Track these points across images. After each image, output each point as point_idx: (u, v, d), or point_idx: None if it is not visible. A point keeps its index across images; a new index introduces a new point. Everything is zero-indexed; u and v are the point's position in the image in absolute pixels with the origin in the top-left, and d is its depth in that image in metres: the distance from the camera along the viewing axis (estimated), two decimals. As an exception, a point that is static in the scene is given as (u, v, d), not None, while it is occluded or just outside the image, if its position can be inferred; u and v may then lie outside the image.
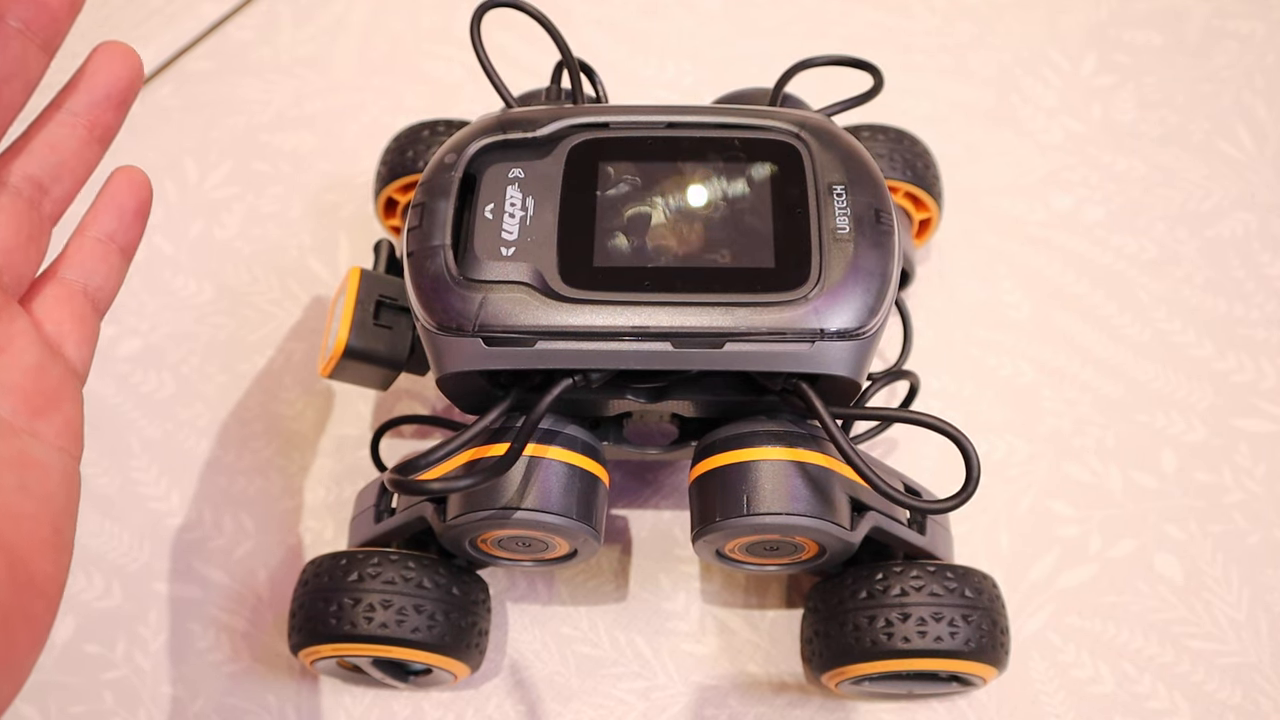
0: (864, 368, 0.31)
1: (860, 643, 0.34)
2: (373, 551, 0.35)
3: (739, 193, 0.32)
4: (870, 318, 0.30)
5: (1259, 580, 0.40)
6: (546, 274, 0.30)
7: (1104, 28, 0.54)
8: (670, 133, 0.33)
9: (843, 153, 0.32)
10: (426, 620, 0.34)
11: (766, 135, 0.33)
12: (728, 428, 0.33)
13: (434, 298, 0.30)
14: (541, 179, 0.32)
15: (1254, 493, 0.42)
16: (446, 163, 0.32)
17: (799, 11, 0.55)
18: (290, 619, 0.35)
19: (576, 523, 0.32)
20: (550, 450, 0.32)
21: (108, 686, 0.39)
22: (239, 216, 0.49)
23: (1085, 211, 0.49)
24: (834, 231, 0.30)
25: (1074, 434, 0.43)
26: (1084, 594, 0.40)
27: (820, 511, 0.32)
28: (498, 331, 0.29)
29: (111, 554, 0.41)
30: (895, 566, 0.34)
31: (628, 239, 0.31)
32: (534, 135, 0.32)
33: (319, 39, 0.54)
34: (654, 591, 0.40)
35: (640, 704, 0.38)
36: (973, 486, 0.29)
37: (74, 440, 0.26)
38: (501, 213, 0.31)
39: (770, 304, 0.29)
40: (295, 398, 0.45)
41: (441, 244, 0.30)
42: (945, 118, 0.51)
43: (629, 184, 0.32)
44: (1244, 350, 0.45)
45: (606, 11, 0.55)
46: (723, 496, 0.32)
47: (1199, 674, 0.39)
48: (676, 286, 0.30)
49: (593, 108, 0.33)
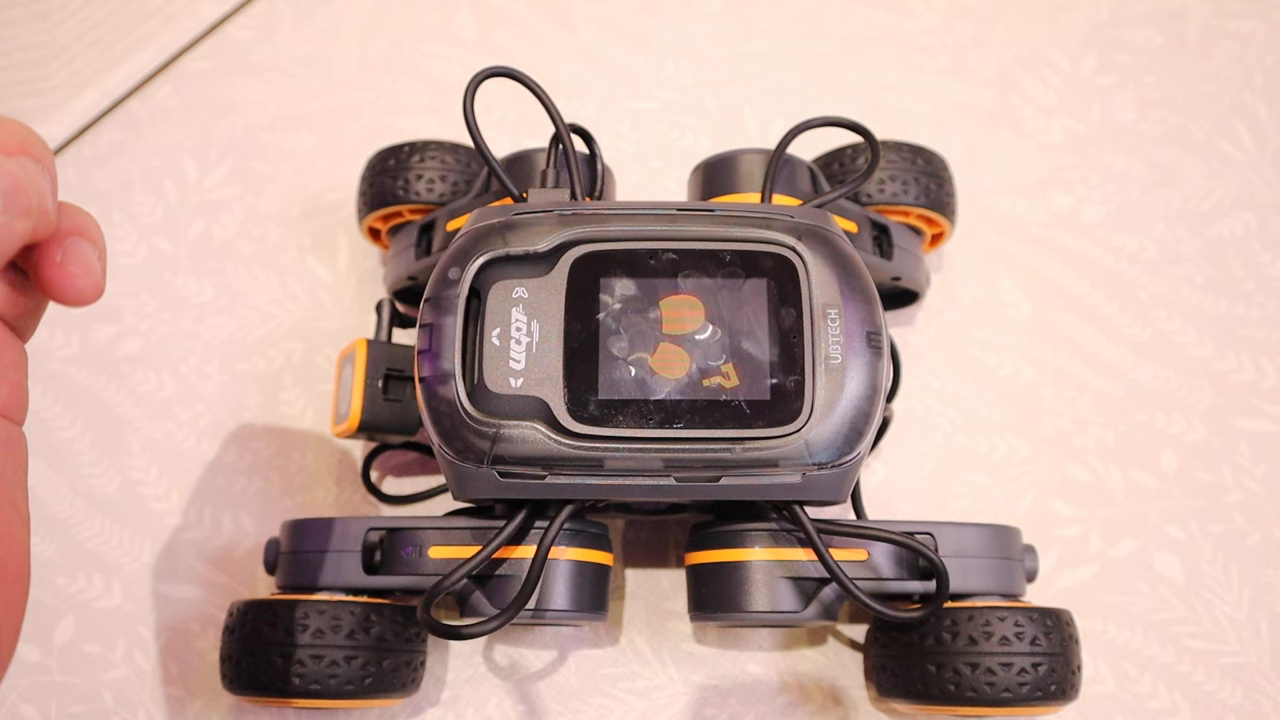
0: (849, 488, 0.33)
1: (928, 687, 0.34)
2: (298, 600, 0.34)
3: (736, 314, 0.32)
4: (858, 442, 0.32)
5: (1259, 580, 0.40)
6: (554, 407, 0.31)
7: (1104, 28, 0.54)
8: (669, 244, 0.33)
9: (838, 266, 0.33)
10: (359, 671, 0.34)
11: (764, 249, 0.33)
12: (721, 524, 0.35)
13: (450, 431, 0.31)
14: (545, 299, 0.32)
15: (1254, 493, 0.42)
16: (451, 278, 0.32)
17: (799, 11, 0.55)
18: (222, 664, 0.35)
19: (586, 613, 0.35)
20: (562, 552, 0.34)
21: (108, 686, 0.39)
22: (239, 216, 0.49)
23: (1085, 211, 0.49)
24: (827, 360, 0.32)
25: (1074, 434, 0.43)
26: (1084, 594, 0.40)
27: (802, 606, 0.34)
28: (510, 464, 0.31)
29: (111, 554, 0.41)
30: (964, 613, 0.34)
31: (630, 368, 0.32)
32: (536, 250, 0.32)
33: (319, 39, 0.54)
34: (654, 591, 0.40)
35: (640, 704, 0.38)
36: (940, 601, 0.33)
37: (17, 405, 0.25)
38: (508, 339, 0.32)
39: (764, 439, 0.31)
40: (295, 398, 0.45)
41: (452, 372, 0.31)
42: (945, 118, 0.51)
43: (629, 302, 0.33)
44: (1244, 350, 0.45)
45: (606, 11, 0.55)
46: (715, 590, 0.35)
47: (1199, 674, 0.39)
48: (677, 420, 0.31)
49: (592, 214, 0.33)
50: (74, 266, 0.24)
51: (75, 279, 0.24)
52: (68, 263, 0.24)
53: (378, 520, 0.36)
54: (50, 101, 0.51)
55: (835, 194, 0.37)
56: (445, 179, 0.42)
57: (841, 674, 0.39)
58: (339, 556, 0.35)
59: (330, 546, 0.36)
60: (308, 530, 0.36)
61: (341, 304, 0.47)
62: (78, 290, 0.24)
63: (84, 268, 0.24)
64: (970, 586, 0.35)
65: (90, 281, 0.24)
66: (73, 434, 0.44)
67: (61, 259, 0.24)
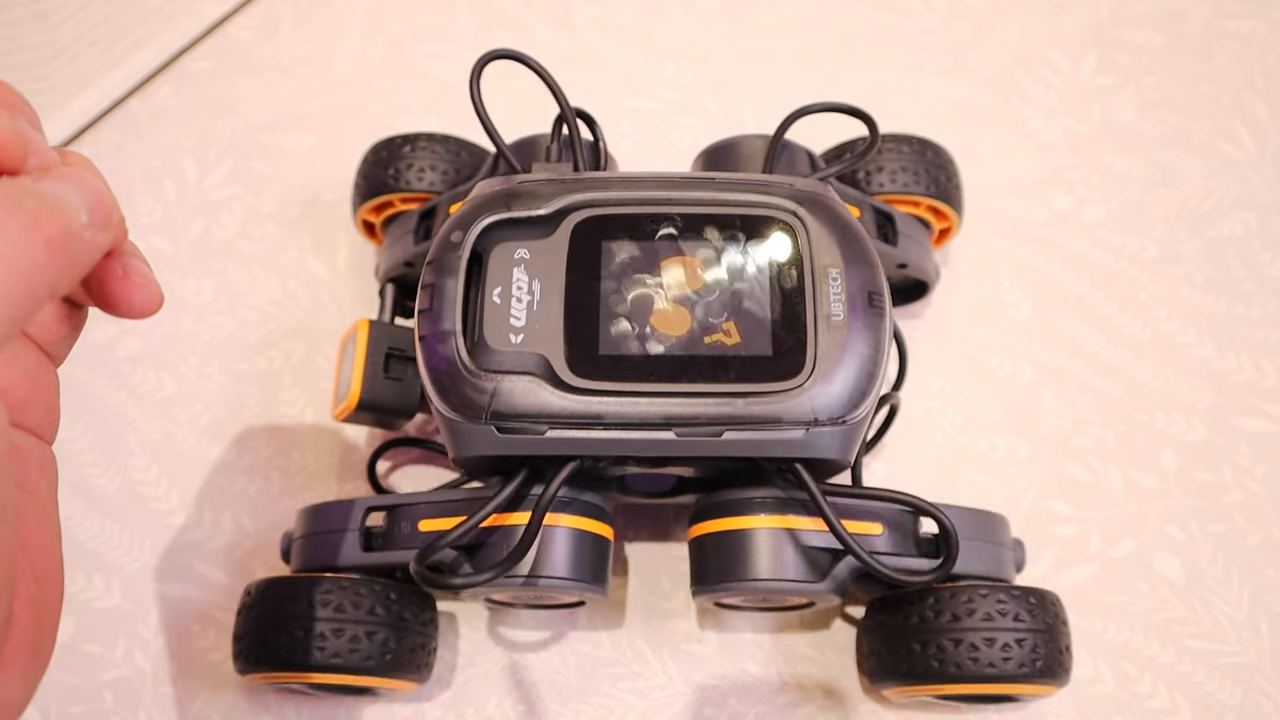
0: (854, 448, 0.32)
1: (913, 665, 0.34)
2: (320, 578, 0.34)
3: (737, 275, 0.32)
4: (861, 401, 0.31)
5: (1259, 580, 0.40)
6: (554, 362, 0.31)
7: (1104, 28, 0.54)
8: (671, 209, 0.33)
9: (838, 231, 0.33)
10: (379, 648, 0.34)
11: (765, 213, 0.33)
12: (724, 492, 0.35)
13: (448, 387, 0.31)
14: (547, 260, 0.32)
15: (1254, 493, 0.42)
16: (453, 241, 0.32)
17: (799, 11, 0.55)
18: (235, 642, 0.35)
19: (586, 584, 0.34)
20: (561, 519, 0.34)
21: (108, 686, 0.39)
22: (239, 216, 0.49)
23: (1085, 211, 0.49)
24: (829, 317, 0.31)
25: (1074, 434, 0.43)
26: (1084, 594, 0.40)
27: (806, 575, 0.33)
28: (509, 419, 0.31)
29: (111, 554, 0.41)
30: (946, 591, 0.34)
31: (631, 324, 0.32)
32: (538, 213, 0.33)
33: (319, 39, 0.54)
34: (654, 591, 0.40)
35: (640, 704, 0.38)
36: (950, 563, 0.32)
37: (50, 427, 0.26)
38: (509, 297, 0.32)
39: (767, 393, 0.31)
40: (295, 398, 0.45)
41: (452, 330, 0.31)
42: (945, 118, 0.51)
43: (631, 264, 0.33)
44: (1244, 350, 0.45)
45: (606, 11, 0.55)
46: (718, 560, 0.34)
47: (1199, 674, 0.39)
48: (679, 375, 0.31)
49: (594, 180, 0.34)
50: (137, 278, 0.24)
51: (141, 289, 0.24)
52: (130, 275, 0.24)
53: (376, 500, 0.36)
54: (50, 101, 0.51)
55: (834, 168, 0.37)
56: (435, 168, 0.42)
57: (841, 674, 0.39)
58: (341, 536, 0.36)
59: (333, 527, 0.36)
60: (315, 514, 0.37)
61: (341, 304, 0.47)
62: (145, 301, 0.24)
63: (145, 279, 0.24)
64: (959, 568, 0.35)
65: (153, 292, 0.24)
66: (73, 434, 0.44)
67: (124, 272, 0.24)
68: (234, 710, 0.38)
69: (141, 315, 0.24)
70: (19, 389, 0.24)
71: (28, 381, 0.25)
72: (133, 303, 0.24)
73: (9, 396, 0.24)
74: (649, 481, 0.37)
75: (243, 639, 0.35)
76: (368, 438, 0.44)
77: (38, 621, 0.23)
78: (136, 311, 0.24)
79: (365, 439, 0.44)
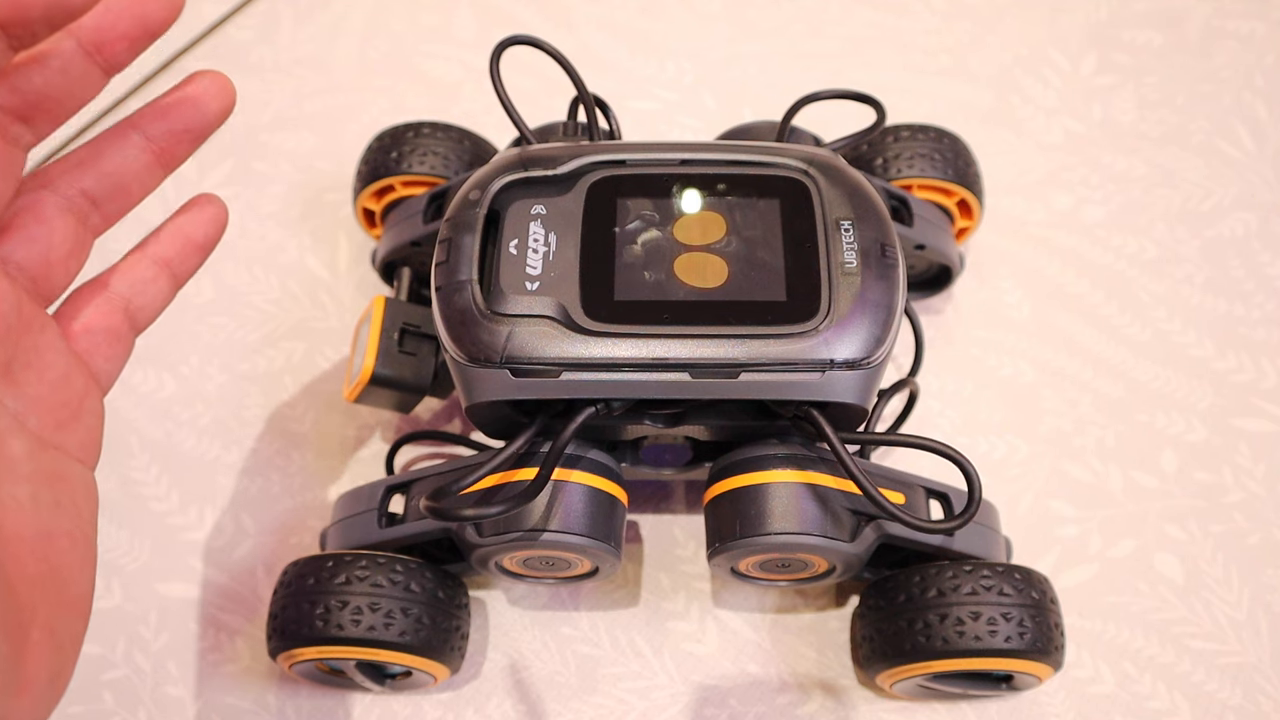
0: (871, 394, 0.32)
1: (901, 643, 0.34)
2: (359, 554, 0.35)
3: (751, 227, 0.33)
4: (877, 347, 0.31)
5: (1259, 580, 0.40)
6: (570, 307, 0.31)
7: (1104, 28, 0.54)
8: (685, 169, 0.34)
9: (849, 189, 0.33)
10: (414, 624, 0.34)
11: (777, 171, 0.34)
12: (741, 450, 0.34)
13: (462, 331, 0.31)
14: (563, 215, 0.33)
15: (1254, 493, 0.42)
16: (471, 199, 0.33)
17: (799, 11, 0.55)
18: (270, 620, 0.35)
19: (600, 543, 0.33)
20: (574, 474, 0.34)
21: (108, 686, 0.39)
22: (239, 216, 0.49)
23: (1085, 211, 0.49)
24: (842, 265, 0.32)
25: (1074, 434, 0.43)
26: (1084, 594, 0.40)
27: (829, 530, 0.33)
28: (524, 363, 0.31)
29: (111, 554, 0.41)
30: (932, 568, 0.34)
31: (646, 273, 0.32)
32: (555, 173, 0.33)
33: (319, 39, 0.54)
34: (654, 591, 0.40)
35: (640, 704, 0.38)
36: (974, 508, 0.31)
37: (93, 452, 0.26)
38: (525, 248, 0.32)
39: (782, 335, 0.31)
40: (295, 397, 0.45)
41: (469, 279, 0.31)
42: (945, 118, 0.51)
43: (646, 219, 0.33)
44: (1244, 350, 0.45)
45: (606, 11, 0.55)
46: (737, 517, 0.33)
47: (1199, 674, 0.39)
48: (693, 319, 0.31)
49: (610, 145, 0.34)
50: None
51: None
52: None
53: (395, 479, 0.37)
54: (50, 101, 0.51)
55: (844, 140, 0.37)
56: (438, 153, 0.43)
57: (841, 674, 0.39)
58: (365, 517, 0.37)
59: (359, 510, 0.37)
60: (342, 500, 0.38)
61: (341, 304, 0.47)
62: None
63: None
64: (952, 545, 0.35)
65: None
66: (73, 434, 0.44)
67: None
68: (234, 710, 0.38)
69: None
70: (65, 410, 0.24)
71: (75, 402, 0.25)
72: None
73: (55, 416, 0.24)
74: (665, 453, 0.37)
75: (277, 617, 0.35)
76: (368, 438, 0.44)
77: (57, 651, 0.23)
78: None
79: (365, 439, 0.44)
